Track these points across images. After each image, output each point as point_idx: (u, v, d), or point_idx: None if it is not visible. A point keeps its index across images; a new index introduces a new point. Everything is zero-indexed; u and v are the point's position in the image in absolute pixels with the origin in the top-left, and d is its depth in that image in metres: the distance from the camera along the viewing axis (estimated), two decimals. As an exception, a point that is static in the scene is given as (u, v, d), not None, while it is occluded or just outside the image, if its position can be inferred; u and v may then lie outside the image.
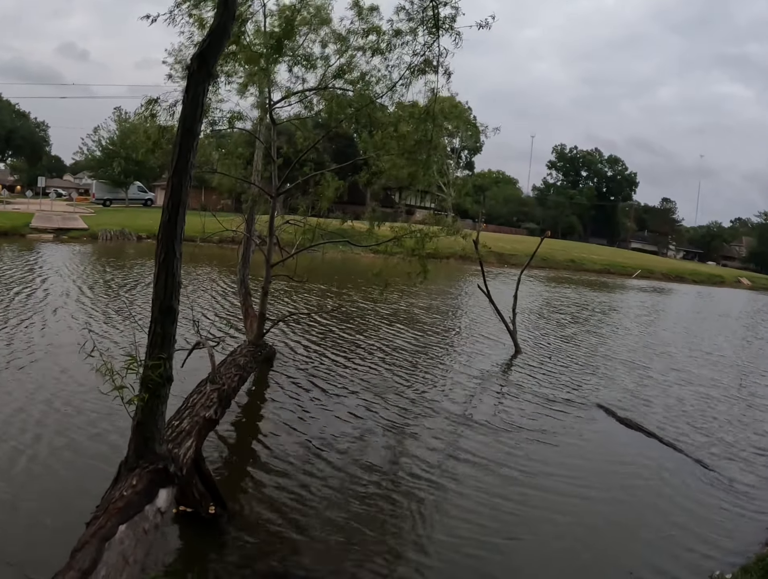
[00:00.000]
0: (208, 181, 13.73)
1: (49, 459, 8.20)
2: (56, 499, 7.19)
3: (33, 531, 6.40)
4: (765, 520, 8.64)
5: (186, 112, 5.45)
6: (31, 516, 6.71)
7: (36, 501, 7.06)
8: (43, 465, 8.01)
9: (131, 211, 58.10)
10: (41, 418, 9.51)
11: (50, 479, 7.68)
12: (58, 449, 8.50)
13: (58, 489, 7.44)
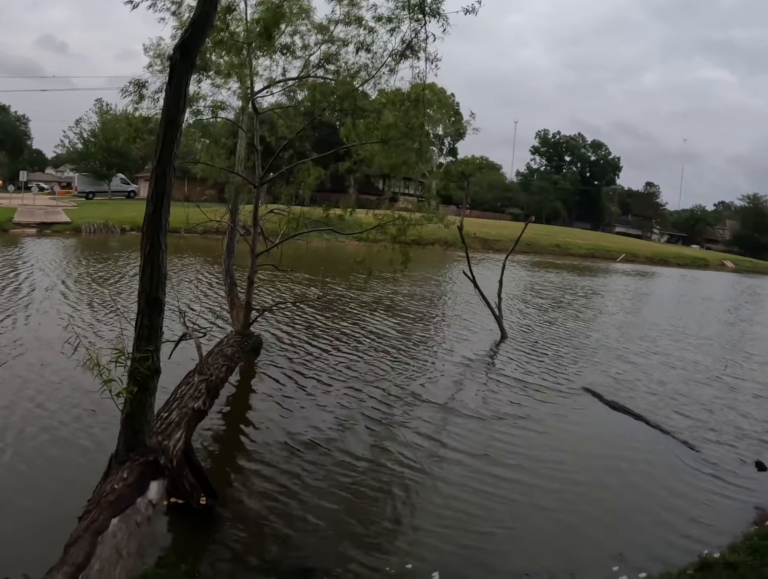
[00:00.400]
0: (191, 171, 13.65)
1: (36, 455, 8.16)
2: (46, 494, 7.17)
3: (24, 528, 6.37)
4: (751, 500, 8.76)
5: (169, 102, 5.41)
6: (22, 513, 6.69)
7: (26, 497, 7.03)
8: (30, 461, 7.97)
9: (114, 203, 57.63)
10: (25, 414, 9.45)
11: (38, 475, 7.65)
12: (44, 445, 8.46)
13: (48, 485, 7.42)
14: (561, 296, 30.31)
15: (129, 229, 39.87)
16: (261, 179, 13.15)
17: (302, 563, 6.36)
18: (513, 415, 11.47)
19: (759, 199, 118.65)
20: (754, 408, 13.34)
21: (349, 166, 13.33)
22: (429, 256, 44.89)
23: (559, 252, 62.63)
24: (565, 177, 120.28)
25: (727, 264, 78.86)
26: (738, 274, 70.90)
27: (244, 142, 14.29)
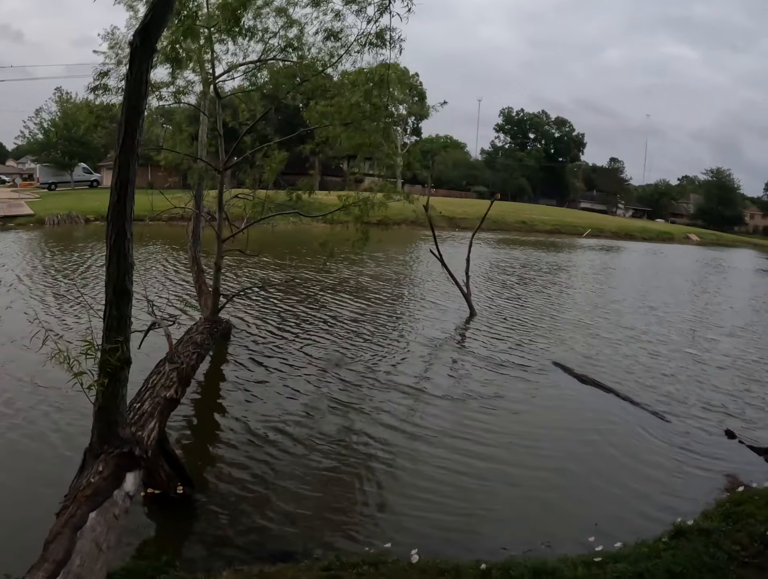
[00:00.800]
0: (154, 158, 13.47)
1: (6, 454, 8.03)
2: (22, 493, 7.05)
3: (2, 527, 6.29)
4: (722, 468, 8.95)
5: (130, 88, 5.31)
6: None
7: (0, 497, 6.93)
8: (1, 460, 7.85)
9: (77, 193, 56.57)
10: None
11: (11, 474, 7.52)
12: (14, 443, 8.33)
13: (22, 483, 7.29)
14: (528, 272, 30.53)
15: (93, 219, 39.19)
16: (225, 164, 13.04)
17: (281, 547, 6.39)
18: (484, 393, 11.57)
19: (722, 173, 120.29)
20: (721, 379, 13.59)
21: (312, 147, 13.30)
22: (395, 236, 44.86)
23: (525, 229, 62.97)
24: (530, 154, 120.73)
25: (691, 237, 79.91)
26: (702, 246, 71.87)
27: (207, 127, 14.13)
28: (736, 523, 6.53)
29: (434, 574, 5.54)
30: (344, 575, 5.42)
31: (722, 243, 79.68)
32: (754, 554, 5.92)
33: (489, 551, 6.38)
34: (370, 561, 5.67)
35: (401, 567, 5.66)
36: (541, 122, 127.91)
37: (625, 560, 5.79)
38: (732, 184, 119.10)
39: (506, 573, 5.55)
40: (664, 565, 5.66)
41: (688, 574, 5.52)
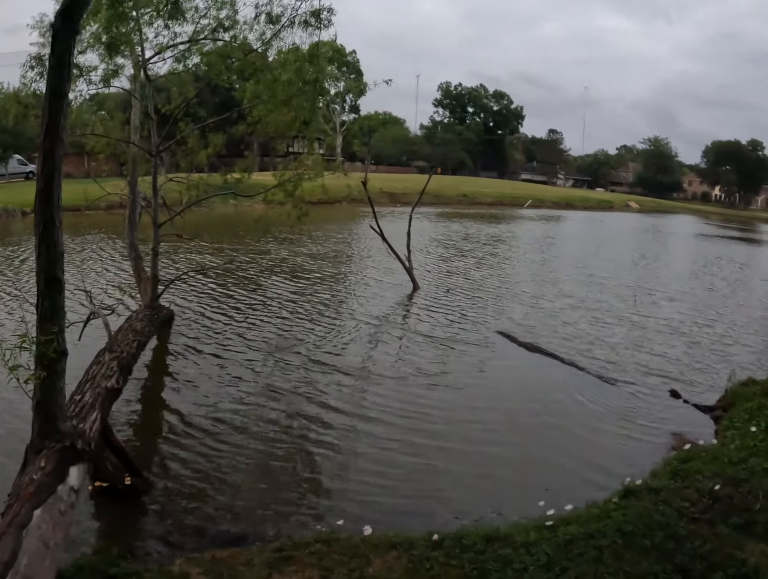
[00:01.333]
0: (87, 146, 13.12)
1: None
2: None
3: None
4: (668, 427, 9.23)
5: (52, 72, 5.15)
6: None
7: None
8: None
9: (13, 186, 54.57)
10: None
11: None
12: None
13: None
14: (469, 245, 30.77)
15: (30, 211, 37.69)
16: (158, 147, 12.77)
17: (233, 531, 6.36)
18: (430, 369, 11.66)
19: (660, 142, 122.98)
20: (663, 342, 13.97)
21: (245, 128, 13.16)
22: (336, 214, 44.74)
23: (467, 202, 63.41)
24: (469, 128, 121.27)
25: (631, 205, 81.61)
26: (642, 213, 73.48)
27: (138, 110, 13.80)
28: (684, 480, 6.74)
29: (387, 547, 5.58)
30: (297, 555, 5.42)
31: (662, 210, 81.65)
32: (703, 509, 6.12)
33: (441, 523, 6.45)
34: (322, 539, 5.68)
35: (354, 543, 5.67)
36: (480, 96, 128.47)
37: (576, 522, 5.92)
38: (670, 152, 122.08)
39: (459, 542, 5.62)
40: (615, 524, 5.80)
41: (639, 533, 5.67)
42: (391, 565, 5.30)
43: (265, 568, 5.22)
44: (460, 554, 5.43)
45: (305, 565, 5.25)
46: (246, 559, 5.39)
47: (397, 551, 5.49)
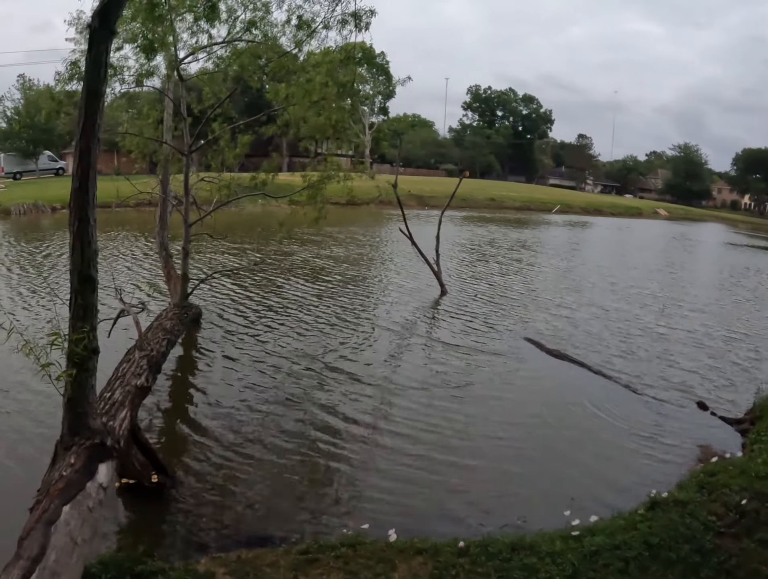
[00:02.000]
0: (120, 144, 13.26)
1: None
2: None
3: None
4: (695, 439, 9.09)
5: (89, 72, 5.17)
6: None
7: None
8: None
9: (43, 182, 55.44)
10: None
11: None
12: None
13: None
14: (497, 250, 30.66)
15: (60, 207, 38.29)
16: (190, 147, 12.86)
17: (259, 532, 6.38)
18: (458, 369, 11.66)
19: (690, 149, 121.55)
20: (691, 353, 13.73)
21: (275, 129, 13.20)
22: (364, 216, 44.82)
23: (495, 206, 63.21)
24: (498, 131, 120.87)
25: (660, 212, 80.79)
26: (671, 221, 72.67)
27: (171, 110, 13.91)
28: (711, 493, 6.64)
29: (413, 553, 5.56)
30: (322, 558, 5.42)
31: (690, 217, 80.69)
32: (730, 524, 6.02)
33: (466, 529, 6.42)
34: (348, 543, 5.67)
35: (379, 547, 5.66)
36: (509, 99, 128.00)
37: (602, 533, 5.86)
38: (699, 159, 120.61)
39: (484, 549, 5.58)
40: (641, 536, 5.73)
41: (665, 545, 5.60)
42: (416, 571, 5.28)
43: (290, 569, 5.23)
44: (485, 562, 5.39)
45: (330, 568, 5.25)
46: (271, 560, 5.39)
47: (422, 557, 5.47)
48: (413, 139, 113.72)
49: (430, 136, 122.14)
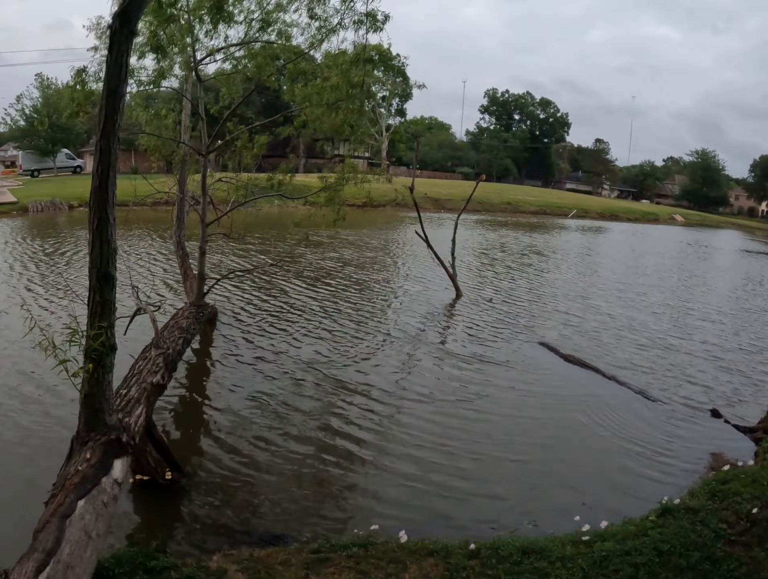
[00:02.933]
0: (137, 144, 13.39)
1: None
2: (9, 482, 6.99)
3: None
4: (707, 446, 9.04)
5: (110, 73, 5.23)
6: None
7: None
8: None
9: (61, 179, 55.95)
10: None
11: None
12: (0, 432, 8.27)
13: (9, 472, 7.24)
14: (513, 254, 30.60)
15: (77, 205, 38.71)
16: (207, 147, 12.94)
17: (270, 530, 6.41)
18: (471, 371, 11.64)
19: (707, 154, 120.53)
20: (704, 362, 13.59)
21: (291, 130, 13.26)
22: (380, 218, 44.87)
23: (511, 209, 63.13)
24: (515, 135, 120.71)
25: (676, 218, 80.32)
26: (687, 227, 72.16)
27: (189, 110, 14.02)
28: (723, 501, 6.60)
29: (423, 554, 5.58)
30: (334, 557, 5.45)
31: (707, 224, 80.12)
32: (741, 532, 5.99)
33: (477, 532, 6.43)
34: (359, 543, 5.70)
35: (390, 548, 5.69)
36: (526, 103, 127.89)
37: (613, 539, 5.85)
38: (717, 165, 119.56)
39: (495, 552, 5.59)
40: (652, 543, 5.72)
41: (675, 552, 5.58)
42: (427, 572, 5.29)
43: (302, 568, 5.26)
44: (496, 565, 5.40)
45: (342, 568, 5.27)
46: (283, 559, 5.43)
47: (433, 558, 5.48)
48: (430, 141, 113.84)
49: (447, 139, 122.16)
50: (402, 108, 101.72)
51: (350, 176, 13.41)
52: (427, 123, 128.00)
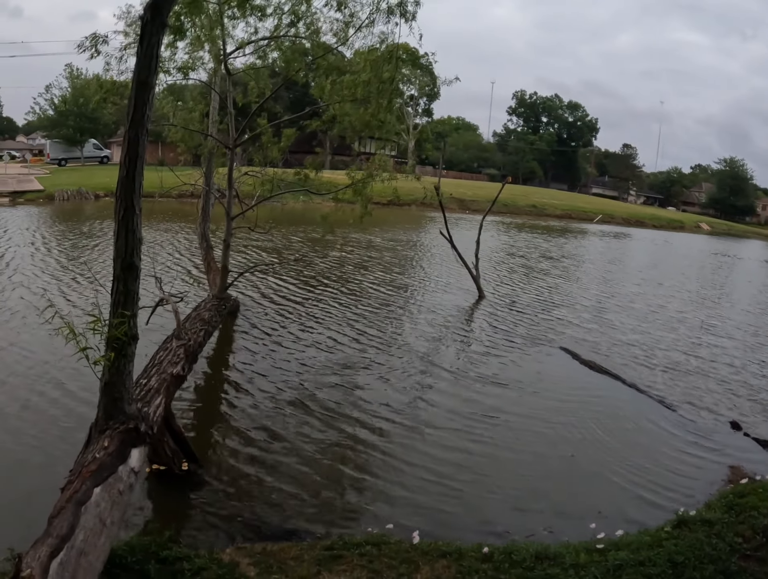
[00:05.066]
0: (165, 136, 13.48)
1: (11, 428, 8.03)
2: (27, 467, 7.09)
3: (6, 502, 6.28)
4: (726, 459, 8.90)
5: (140, 64, 5.25)
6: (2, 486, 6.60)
7: (5, 471, 6.96)
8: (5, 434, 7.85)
9: (87, 169, 56.53)
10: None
11: (16, 448, 7.55)
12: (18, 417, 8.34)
13: (27, 457, 7.33)
14: (537, 257, 30.42)
15: (103, 194, 39.10)
16: (235, 141, 12.99)
17: (284, 525, 6.41)
18: (489, 377, 11.57)
19: (735, 163, 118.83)
20: (726, 373, 13.40)
21: (319, 125, 13.24)
22: (405, 217, 44.83)
23: (536, 212, 62.74)
24: (542, 138, 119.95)
25: (702, 226, 79.29)
26: (713, 236, 71.24)
27: (217, 104, 14.08)
28: (739, 515, 6.51)
29: (436, 555, 5.56)
30: (347, 555, 5.45)
31: (733, 233, 79.00)
32: (756, 547, 5.90)
33: (491, 535, 6.40)
34: (372, 541, 5.70)
35: (403, 548, 5.68)
36: (554, 106, 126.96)
37: (627, 548, 5.79)
38: (745, 174, 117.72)
39: (508, 557, 5.56)
40: (666, 554, 5.65)
41: (690, 564, 5.52)
42: (439, 573, 5.27)
43: (314, 564, 5.26)
44: (509, 569, 5.37)
45: (354, 566, 5.27)
46: (296, 554, 5.44)
47: (446, 560, 5.46)
48: (457, 142, 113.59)
49: (474, 140, 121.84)
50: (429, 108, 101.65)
51: (379, 173, 13.37)
52: (454, 123, 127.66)
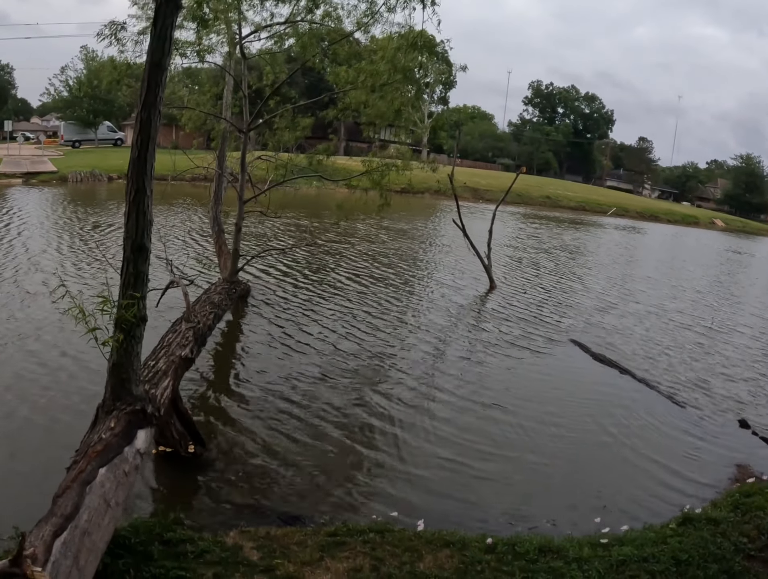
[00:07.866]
0: (179, 119, 13.47)
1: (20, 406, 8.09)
2: (32, 446, 7.14)
3: (12, 480, 6.35)
4: (733, 457, 8.86)
5: (154, 45, 5.23)
6: (8, 465, 6.65)
7: (12, 449, 7.01)
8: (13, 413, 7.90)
9: (101, 151, 56.64)
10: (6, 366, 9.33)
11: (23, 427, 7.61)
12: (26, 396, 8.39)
13: (34, 436, 7.38)
14: (549, 248, 30.28)
15: (116, 177, 39.10)
16: (248, 125, 12.95)
17: (289, 510, 6.43)
18: (498, 368, 11.58)
19: (752, 160, 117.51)
20: (737, 370, 13.35)
21: (336, 113, 13.18)
22: (418, 205, 44.71)
23: (550, 204, 62.36)
24: (558, 129, 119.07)
25: (717, 222, 78.53)
26: (727, 232, 70.62)
27: (231, 87, 14.05)
28: (745, 515, 6.48)
29: (440, 545, 5.56)
30: (350, 541, 5.45)
31: (747, 231, 78.19)
32: (761, 547, 5.87)
33: (495, 527, 6.39)
34: (376, 529, 5.70)
35: (407, 536, 5.68)
36: (571, 97, 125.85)
37: (631, 544, 5.77)
38: (761, 171, 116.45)
39: (512, 548, 5.55)
40: (670, 551, 5.63)
41: (694, 562, 5.49)
42: (442, 563, 5.27)
43: (317, 550, 5.26)
44: (512, 561, 5.36)
45: (357, 553, 5.27)
46: (299, 540, 5.45)
47: (449, 550, 5.46)
48: (472, 131, 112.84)
49: (489, 130, 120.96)
50: (445, 96, 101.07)
51: (395, 162, 13.33)
52: (469, 112, 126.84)
